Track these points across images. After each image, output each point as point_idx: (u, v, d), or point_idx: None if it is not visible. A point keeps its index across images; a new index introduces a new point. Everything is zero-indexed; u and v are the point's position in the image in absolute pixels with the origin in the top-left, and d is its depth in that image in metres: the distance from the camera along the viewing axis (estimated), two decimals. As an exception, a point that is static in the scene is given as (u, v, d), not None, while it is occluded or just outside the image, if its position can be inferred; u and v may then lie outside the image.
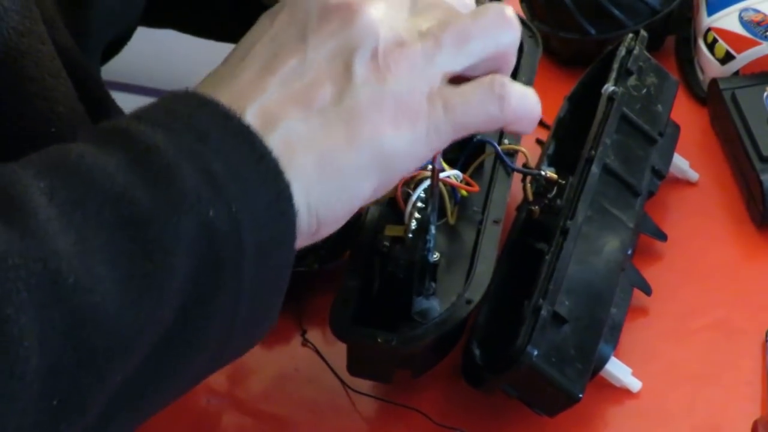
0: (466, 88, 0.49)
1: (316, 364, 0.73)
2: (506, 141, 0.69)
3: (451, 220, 0.68)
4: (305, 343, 0.74)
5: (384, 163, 0.48)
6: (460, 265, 0.66)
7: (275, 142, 0.45)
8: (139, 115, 0.45)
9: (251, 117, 0.45)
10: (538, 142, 0.85)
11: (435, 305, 0.63)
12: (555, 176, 0.69)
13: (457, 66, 0.49)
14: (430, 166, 0.64)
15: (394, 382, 0.68)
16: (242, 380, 0.73)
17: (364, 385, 0.70)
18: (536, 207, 0.70)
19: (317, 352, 0.73)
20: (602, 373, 0.68)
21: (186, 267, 0.42)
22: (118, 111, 0.63)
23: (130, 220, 0.41)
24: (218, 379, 0.73)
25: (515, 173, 0.69)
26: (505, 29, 0.51)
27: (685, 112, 0.79)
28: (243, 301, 0.44)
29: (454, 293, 0.64)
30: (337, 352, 0.72)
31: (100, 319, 0.40)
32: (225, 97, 0.46)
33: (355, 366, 0.65)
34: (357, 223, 0.70)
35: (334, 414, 0.71)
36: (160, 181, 0.42)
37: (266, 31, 0.49)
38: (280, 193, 0.45)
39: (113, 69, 0.94)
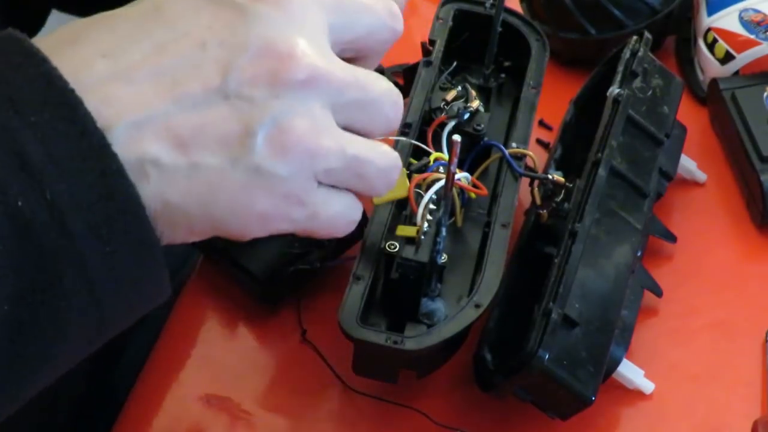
0: (338, 201, 0.48)
1: (316, 364, 0.72)
2: (514, 144, 0.69)
3: (459, 223, 0.68)
4: (305, 343, 0.74)
5: (219, 232, 0.45)
6: (465, 267, 0.66)
7: (130, 163, 0.41)
8: None
9: (121, 131, 0.41)
10: (539, 142, 0.85)
11: (440, 307, 0.63)
12: (562, 180, 0.69)
13: (337, 173, 0.47)
14: (442, 168, 0.64)
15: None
16: (242, 380, 0.73)
17: (364, 385, 0.70)
18: (544, 211, 0.70)
19: (317, 351, 0.73)
20: (614, 376, 0.68)
21: (5, 263, 0.39)
22: None
23: None
24: (218, 379, 0.73)
25: (522, 177, 0.69)
26: (393, 123, 0.49)
27: (685, 113, 0.79)
28: (99, 284, 0.41)
29: (458, 295, 0.64)
30: (337, 352, 0.72)
31: None
32: (99, 81, 0.41)
33: (361, 366, 0.65)
34: (363, 221, 0.70)
35: (335, 414, 0.71)
36: None
37: (191, 21, 0.44)
38: (106, 169, 0.40)
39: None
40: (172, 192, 0.43)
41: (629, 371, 0.68)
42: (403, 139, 0.68)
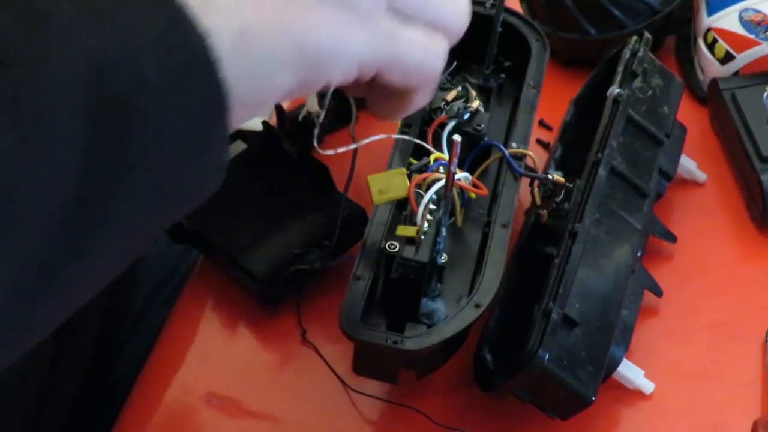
0: (416, 31, 0.47)
1: (316, 364, 0.72)
2: (514, 144, 0.69)
3: (459, 223, 0.68)
4: (305, 343, 0.74)
5: (306, 61, 0.43)
6: (464, 267, 0.66)
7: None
8: None
9: None
10: (539, 142, 0.85)
11: (440, 307, 0.63)
12: (562, 180, 0.69)
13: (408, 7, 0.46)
14: (442, 168, 0.64)
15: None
16: (242, 380, 0.73)
17: (364, 385, 0.70)
18: (544, 211, 0.70)
19: (317, 352, 0.73)
20: (614, 376, 0.68)
21: (77, 104, 0.37)
22: None
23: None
24: (218, 379, 0.73)
25: (522, 177, 0.69)
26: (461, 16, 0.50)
27: (685, 113, 0.79)
28: (168, 142, 0.39)
29: (458, 295, 0.64)
30: (337, 352, 0.72)
31: None
32: None
33: (361, 366, 0.65)
34: (363, 221, 0.70)
35: (335, 414, 0.71)
36: (34, 20, 0.37)
37: None
38: (174, 17, 0.39)
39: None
40: (246, 14, 0.41)
41: (629, 371, 0.69)
42: (403, 137, 0.68)
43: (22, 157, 0.36)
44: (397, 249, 0.62)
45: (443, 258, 0.62)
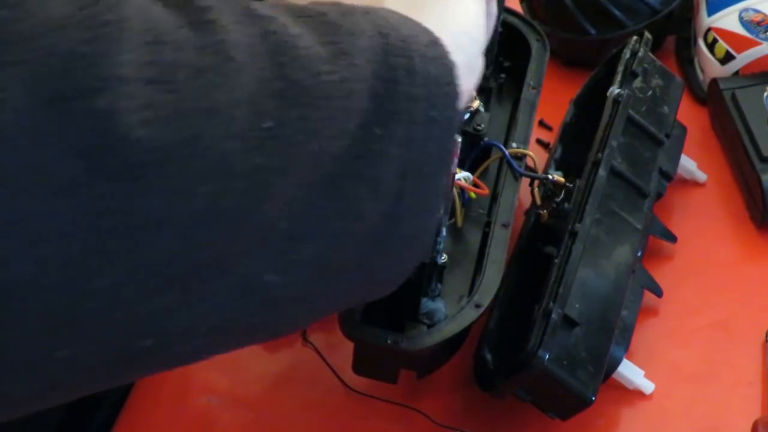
0: None
1: (316, 364, 0.73)
2: (514, 144, 0.69)
3: (459, 223, 0.67)
4: (305, 343, 0.74)
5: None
6: (464, 267, 0.66)
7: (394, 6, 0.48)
8: None
9: None
10: (539, 142, 0.85)
11: (440, 306, 0.63)
12: (563, 180, 0.69)
13: None
14: None
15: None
16: (243, 380, 0.73)
17: (364, 385, 0.70)
18: (544, 211, 0.70)
19: (317, 352, 0.73)
20: (615, 376, 0.68)
21: (367, 61, 0.43)
22: None
23: (306, 11, 0.44)
24: (219, 379, 0.73)
25: (523, 177, 0.69)
26: None
27: (685, 113, 0.79)
28: (414, 141, 0.45)
29: (458, 294, 0.64)
30: (338, 353, 0.72)
31: (297, 51, 0.41)
32: None
33: (361, 366, 0.65)
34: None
35: (335, 414, 0.71)
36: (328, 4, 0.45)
37: None
38: (435, 40, 0.46)
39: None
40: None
41: (629, 371, 0.69)
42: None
43: (328, 67, 0.42)
44: None
45: (443, 258, 0.62)
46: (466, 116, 0.69)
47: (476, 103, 0.70)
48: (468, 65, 0.49)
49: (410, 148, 0.44)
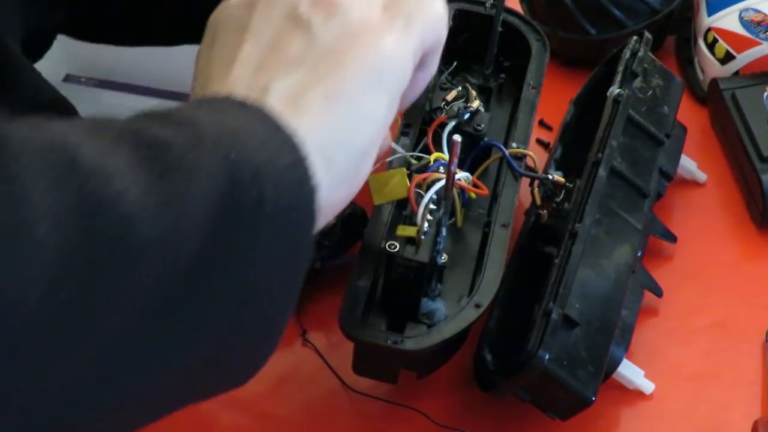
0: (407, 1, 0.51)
1: (316, 364, 0.72)
2: (514, 144, 0.69)
3: (459, 223, 0.67)
4: (305, 343, 0.74)
5: (381, 76, 0.49)
6: (465, 267, 0.66)
7: (274, 104, 0.46)
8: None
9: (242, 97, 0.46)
10: (539, 142, 0.85)
11: (440, 307, 0.63)
12: (563, 180, 0.69)
13: None
14: (443, 168, 0.64)
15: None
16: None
17: (364, 385, 0.70)
18: (544, 211, 0.70)
19: (317, 352, 0.73)
20: (615, 376, 0.68)
21: (206, 205, 0.41)
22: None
23: (151, 145, 0.41)
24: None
25: (522, 177, 0.69)
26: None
27: (685, 113, 0.79)
28: (257, 268, 0.43)
29: (458, 295, 0.64)
30: (338, 352, 0.72)
31: (113, 220, 0.38)
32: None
33: (361, 366, 0.65)
34: (363, 221, 0.70)
35: (335, 414, 0.71)
36: (180, 125, 0.42)
37: (206, 56, 0.51)
38: (299, 160, 0.44)
39: (114, 69, 0.94)
40: (316, 81, 0.47)
41: (629, 371, 0.69)
42: (403, 138, 0.68)
43: (149, 211, 0.39)
44: (397, 249, 0.62)
45: (443, 258, 0.62)
46: (467, 116, 0.69)
47: (476, 103, 0.70)
48: (339, 180, 0.47)
49: (250, 281, 0.43)
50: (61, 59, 0.94)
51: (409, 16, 0.50)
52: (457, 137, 0.56)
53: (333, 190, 0.46)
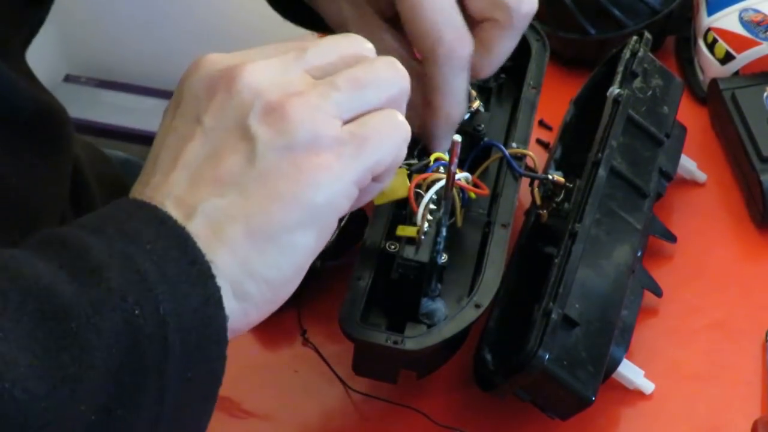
0: (367, 118, 0.50)
1: (316, 364, 0.72)
2: (514, 145, 0.70)
3: (459, 223, 0.68)
4: (305, 343, 0.74)
5: (313, 213, 0.47)
6: (464, 267, 0.66)
7: (198, 228, 0.46)
8: (80, 222, 0.46)
9: (171, 210, 0.46)
10: (539, 142, 0.85)
11: (440, 307, 0.63)
12: (562, 180, 0.69)
13: (353, 109, 0.49)
14: (443, 168, 0.64)
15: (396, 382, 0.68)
16: (242, 380, 0.73)
17: (364, 385, 0.70)
18: (544, 211, 0.70)
19: (317, 352, 0.73)
20: (615, 376, 0.68)
21: (107, 364, 0.42)
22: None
23: (53, 314, 0.41)
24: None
25: (523, 177, 0.69)
26: (395, 80, 0.51)
27: (685, 113, 0.79)
28: (168, 405, 0.44)
29: (458, 295, 0.64)
30: (338, 352, 0.72)
31: (10, 406, 0.39)
32: (150, 199, 0.47)
33: (361, 366, 0.65)
34: (363, 221, 0.70)
35: (335, 414, 0.71)
36: (87, 278, 0.43)
37: (167, 126, 0.50)
38: (210, 297, 0.44)
39: (114, 69, 0.94)
40: (244, 210, 0.46)
41: (629, 371, 0.69)
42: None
43: (42, 403, 0.40)
44: (397, 249, 0.62)
45: (444, 258, 0.62)
46: (467, 116, 0.69)
47: (476, 104, 0.70)
48: (254, 307, 0.48)
49: (163, 412, 0.44)
50: (61, 59, 0.94)
51: (364, 139, 0.49)
52: (458, 137, 0.56)
53: (247, 315, 0.47)
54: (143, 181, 0.49)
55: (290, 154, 0.47)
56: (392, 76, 0.51)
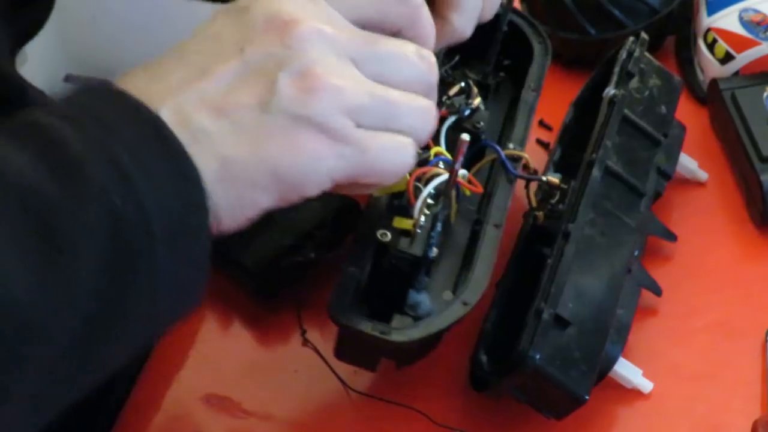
0: (381, 134, 0.51)
1: (316, 364, 0.72)
2: (510, 146, 0.69)
3: (453, 218, 0.67)
4: (305, 343, 0.74)
5: (282, 184, 0.49)
6: (450, 262, 0.65)
7: (184, 138, 0.46)
8: (52, 109, 0.46)
9: (166, 113, 0.47)
10: (539, 142, 0.85)
11: (425, 299, 0.63)
12: (556, 181, 0.69)
13: (375, 122, 0.50)
14: (442, 163, 0.63)
15: (394, 380, 0.68)
16: (242, 380, 0.73)
17: (364, 385, 0.70)
18: (540, 213, 0.70)
19: (317, 352, 0.73)
20: (612, 375, 0.68)
21: (96, 253, 0.43)
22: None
23: (36, 210, 0.42)
24: (218, 380, 0.73)
25: (518, 178, 0.69)
26: (426, 119, 0.53)
27: (685, 113, 0.79)
28: (161, 286, 0.45)
29: (441, 288, 0.64)
30: (338, 352, 0.72)
31: (5, 303, 0.40)
32: (147, 92, 0.47)
33: (343, 351, 0.65)
34: (356, 214, 0.70)
35: (335, 414, 0.71)
36: (66, 172, 0.43)
37: (210, 32, 0.50)
38: (189, 180, 0.46)
39: (114, 69, 0.94)
40: (224, 147, 0.47)
41: (628, 370, 0.68)
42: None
43: (38, 297, 0.41)
44: (389, 239, 0.62)
45: (434, 252, 0.62)
46: (467, 113, 0.69)
47: (477, 101, 0.70)
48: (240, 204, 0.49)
49: (156, 295, 0.46)
50: (61, 59, 0.94)
51: (365, 151, 0.50)
52: (466, 137, 0.56)
53: (228, 216, 0.48)
54: (153, 71, 0.49)
55: (294, 124, 0.48)
56: (425, 117, 0.52)
